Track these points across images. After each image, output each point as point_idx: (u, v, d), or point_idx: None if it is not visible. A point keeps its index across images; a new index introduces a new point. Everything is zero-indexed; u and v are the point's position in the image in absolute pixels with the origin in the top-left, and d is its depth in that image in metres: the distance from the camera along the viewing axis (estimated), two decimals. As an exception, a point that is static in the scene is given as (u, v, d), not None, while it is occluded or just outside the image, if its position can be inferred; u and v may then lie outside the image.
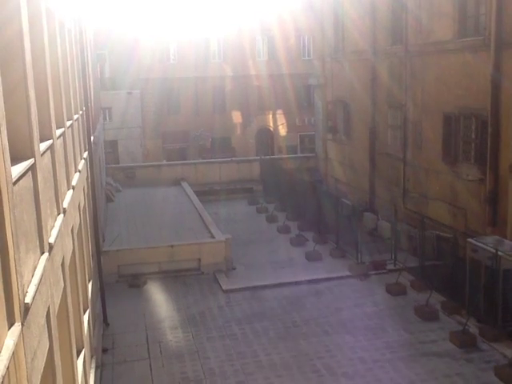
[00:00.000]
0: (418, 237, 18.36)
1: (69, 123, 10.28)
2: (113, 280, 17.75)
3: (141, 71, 40.00)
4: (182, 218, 23.19)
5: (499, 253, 13.85)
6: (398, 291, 16.48)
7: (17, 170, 5.05)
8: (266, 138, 43.67)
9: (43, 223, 6.17)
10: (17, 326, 4.35)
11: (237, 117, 42.77)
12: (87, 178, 14.12)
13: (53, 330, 6.07)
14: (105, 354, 13.62)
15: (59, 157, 8.44)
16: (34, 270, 5.52)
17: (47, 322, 5.86)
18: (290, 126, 43.37)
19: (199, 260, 18.85)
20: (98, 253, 15.08)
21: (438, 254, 18.16)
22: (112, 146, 38.22)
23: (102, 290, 15.22)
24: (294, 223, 23.77)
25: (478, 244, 14.80)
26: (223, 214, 25.21)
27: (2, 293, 4.15)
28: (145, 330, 14.96)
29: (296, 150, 42.33)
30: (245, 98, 42.27)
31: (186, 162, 35.27)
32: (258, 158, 33.32)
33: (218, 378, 12.56)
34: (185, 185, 29.46)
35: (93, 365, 11.23)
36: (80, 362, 9.06)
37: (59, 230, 7.35)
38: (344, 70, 26.92)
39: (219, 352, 13.63)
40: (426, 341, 13.77)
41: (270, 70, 42.23)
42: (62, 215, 7.97)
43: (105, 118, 36.77)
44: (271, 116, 43.61)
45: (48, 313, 5.91)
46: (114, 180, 29.38)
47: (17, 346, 4.22)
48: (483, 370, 12.35)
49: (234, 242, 19.68)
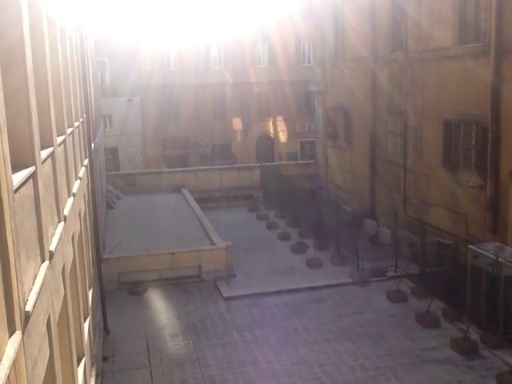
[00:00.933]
0: (418, 243, 18.33)
1: (69, 130, 10.28)
2: (113, 287, 17.72)
3: (141, 78, 40.10)
4: (182, 225, 23.16)
5: (500, 259, 13.82)
6: (398, 298, 16.45)
7: (18, 177, 5.04)
8: (267, 145, 43.70)
9: (44, 231, 6.16)
10: (17, 335, 4.34)
11: (237, 123, 42.83)
12: (88, 186, 14.12)
13: (53, 338, 6.05)
14: (105, 362, 13.57)
15: (60, 164, 8.44)
16: (35, 278, 5.51)
17: (48, 330, 5.84)
18: (291, 133, 43.42)
19: (200, 267, 18.82)
20: (98, 260, 15.05)
21: (438, 260, 18.12)
22: (112, 153, 38.27)
23: (102, 298, 15.18)
24: (294, 230, 23.75)
25: (479, 250, 14.76)
26: (223, 221, 25.18)
27: (3, 301, 4.14)
28: (145, 337, 14.92)
29: (296, 157, 42.37)
30: (245, 105, 42.34)
31: (187, 168, 35.27)
32: (259, 164, 33.32)
33: (219, 385, 12.52)
34: (185, 192, 29.45)
35: (93, 373, 11.19)
36: (80, 370, 9.03)
37: (60, 238, 7.34)
38: (344, 77, 26.97)
39: (220, 360, 13.58)
40: (427, 348, 13.73)
41: (270, 77, 42.33)
42: (62, 223, 7.96)
43: (105, 125, 36.80)
44: (271, 123, 43.66)
45: (48, 321, 5.89)
46: (114, 187, 29.38)
47: (17, 354, 4.20)
48: (485, 378, 12.30)
49: (235, 249, 19.65)
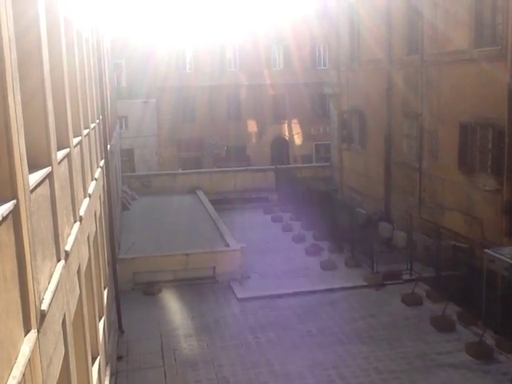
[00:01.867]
0: (433, 247, 18.22)
1: (86, 132, 10.38)
2: (128, 287, 17.82)
3: (157, 80, 40.29)
4: (197, 227, 23.23)
5: (516, 263, 13.70)
6: (413, 301, 16.36)
7: (34, 178, 5.10)
8: (281, 147, 43.65)
9: (60, 231, 6.23)
10: (33, 333, 4.39)
11: (252, 126, 42.86)
12: (103, 186, 14.22)
13: (68, 337, 6.10)
14: (119, 362, 13.65)
15: (76, 165, 8.52)
16: (51, 277, 5.57)
17: (63, 329, 5.90)
18: (306, 135, 43.36)
19: (214, 268, 18.86)
20: (113, 260, 15.16)
21: (454, 264, 17.98)
22: (128, 154, 38.49)
23: (117, 298, 15.28)
24: (309, 232, 23.72)
25: (495, 255, 14.64)
26: (238, 223, 25.21)
27: (19, 299, 4.20)
28: (159, 337, 14.98)
29: (311, 160, 42.29)
30: (260, 107, 42.36)
31: (201, 170, 35.41)
32: (273, 167, 33.33)
33: (232, 387, 12.54)
34: (200, 193, 29.54)
35: (107, 372, 11.26)
36: (95, 369, 9.09)
37: (75, 238, 7.41)
38: (359, 79, 26.91)
39: (233, 360, 13.60)
40: (441, 352, 13.63)
41: (286, 79, 42.32)
42: (78, 223, 8.04)
43: (121, 127, 37.02)
44: (286, 125, 43.63)
45: (64, 320, 5.95)
46: (129, 188, 29.55)
47: (33, 352, 4.25)
48: (500, 382, 12.20)
49: (249, 250, 19.67)
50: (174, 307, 17.08)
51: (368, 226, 20.62)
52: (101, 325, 10.71)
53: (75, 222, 7.96)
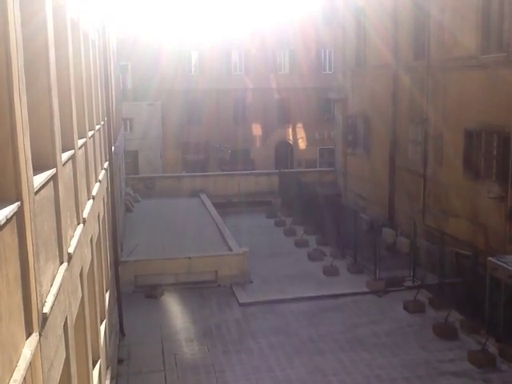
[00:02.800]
0: (437, 253, 18.14)
1: (90, 133, 10.37)
2: (130, 290, 17.79)
3: (162, 82, 40.35)
4: (200, 230, 23.20)
5: (520, 272, 13.64)
6: (416, 308, 16.29)
7: (39, 179, 5.08)
8: (286, 151, 43.68)
9: (63, 233, 6.20)
10: (34, 336, 4.36)
11: (257, 129, 42.90)
12: (107, 188, 14.21)
13: (70, 340, 6.08)
14: (120, 365, 13.62)
15: (80, 167, 8.51)
16: (53, 280, 5.54)
17: (64, 332, 5.87)
18: (310, 140, 43.38)
19: (216, 272, 18.82)
20: (115, 263, 15.14)
21: (457, 271, 17.91)
22: (132, 156, 38.50)
23: (119, 301, 15.24)
24: (312, 237, 23.66)
25: (499, 262, 14.57)
26: (241, 227, 25.16)
27: (21, 302, 4.17)
28: (160, 341, 14.94)
29: (315, 164, 42.29)
30: (265, 111, 42.39)
31: (205, 173, 35.47)
32: (277, 171, 33.30)
33: (233, 391, 12.50)
34: (203, 196, 29.52)
35: (108, 375, 11.22)
36: (96, 373, 9.06)
37: (78, 240, 7.39)
38: (365, 84, 26.89)
39: (235, 366, 13.56)
40: (444, 360, 13.57)
41: (291, 84, 42.36)
42: (81, 225, 8.02)
43: (126, 129, 37.06)
44: (291, 129, 43.66)
45: (65, 323, 5.92)
46: (133, 190, 29.54)
47: (34, 355, 4.22)
48: (502, 392, 12.14)
49: (252, 255, 19.62)
50: (175, 311, 17.04)
51: (371, 231, 20.54)
52: (102, 328, 10.69)
53: (78, 224, 7.94)
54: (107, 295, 12.65)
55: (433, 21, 20.68)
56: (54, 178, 5.86)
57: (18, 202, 4.11)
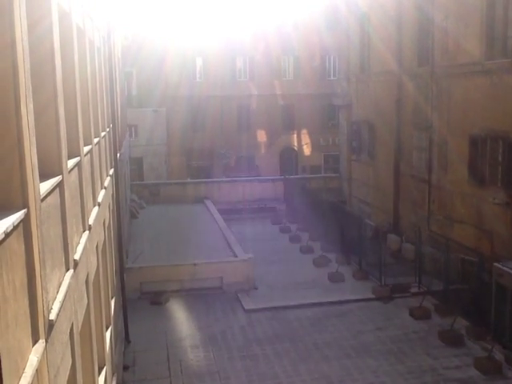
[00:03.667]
0: (442, 260, 18.09)
1: (96, 140, 10.40)
2: (135, 297, 17.79)
3: (167, 89, 40.46)
4: (205, 236, 23.21)
5: (526, 278, 13.59)
6: (421, 315, 16.22)
7: (45, 186, 5.10)
8: (290, 158, 43.67)
9: (69, 240, 6.22)
10: (41, 343, 4.37)
11: (261, 135, 42.92)
12: (113, 195, 14.24)
13: (76, 347, 6.08)
14: (126, 372, 13.60)
15: (86, 174, 8.53)
16: (59, 287, 5.55)
17: (70, 339, 5.87)
18: (315, 146, 43.37)
19: (221, 279, 18.79)
20: (121, 269, 15.15)
21: (462, 277, 17.85)
22: (137, 162, 38.58)
23: (124, 307, 15.24)
24: (317, 244, 23.60)
25: (504, 268, 14.53)
26: (246, 233, 25.14)
27: (28, 309, 4.18)
28: (166, 348, 14.92)
29: (320, 170, 42.25)
30: (269, 117, 42.42)
31: (210, 180, 35.48)
32: (282, 177, 33.29)
33: (239, 398, 12.47)
34: (208, 203, 29.52)
35: (114, 382, 11.21)
36: (101, 380, 9.05)
37: (84, 247, 7.40)
38: (369, 90, 26.90)
39: (240, 372, 13.52)
40: (449, 366, 13.50)
41: (295, 90, 42.39)
42: (87, 232, 8.03)
43: (131, 135, 37.14)
44: (296, 135, 43.66)
45: (71, 330, 5.93)
46: (138, 197, 29.58)
47: (40, 362, 4.22)
48: (509, 399, 12.07)
49: (257, 261, 19.60)
50: (180, 317, 17.02)
51: (376, 237, 20.49)
52: (108, 334, 10.68)
53: (84, 231, 7.95)
54: (113, 302, 12.66)
55: (437, 27, 20.70)
56: (60, 185, 5.88)
57: (25, 209, 4.13)
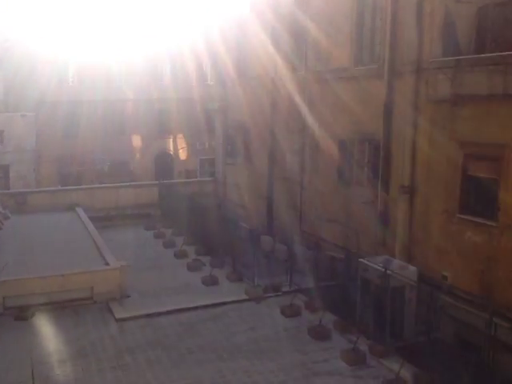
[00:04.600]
0: (312, 258, 18.60)
1: None
2: (-3, 313, 16.66)
3: (38, 93, 38.72)
4: (75, 245, 22.31)
5: (388, 271, 14.28)
6: (292, 313, 16.54)
7: None
8: (166, 162, 43.38)
9: None
10: None
11: (136, 141, 42.31)
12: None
13: None
14: (-16, 395, 12.65)
15: None
16: None
17: None
18: (191, 150, 43.42)
19: (92, 288, 18.07)
20: (-23, 284, 14.09)
21: (332, 274, 18.48)
22: (3, 170, 36.63)
23: (-17, 324, 14.20)
24: (192, 248, 23.45)
25: (369, 263, 15.22)
26: (119, 240, 24.41)
27: None
28: (31, 365, 14.02)
29: (196, 174, 42.35)
30: (145, 122, 41.95)
31: (82, 186, 34.30)
32: (157, 182, 32.84)
33: (106, 411, 11.99)
34: (79, 210, 28.42)
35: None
36: None
37: None
38: (246, 95, 27.18)
39: (109, 384, 13.03)
40: (318, 360, 13.85)
41: (172, 94, 42.09)
42: None
43: (-4, 142, 35.15)
44: (172, 140, 43.45)
45: None
46: (2, 206, 27.93)
47: None
48: (372, 387, 12.57)
49: (129, 268, 19.05)
50: (47, 332, 16.12)
51: (250, 239, 20.69)
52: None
53: None
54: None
55: (310, 34, 21.29)
56: None
57: None
